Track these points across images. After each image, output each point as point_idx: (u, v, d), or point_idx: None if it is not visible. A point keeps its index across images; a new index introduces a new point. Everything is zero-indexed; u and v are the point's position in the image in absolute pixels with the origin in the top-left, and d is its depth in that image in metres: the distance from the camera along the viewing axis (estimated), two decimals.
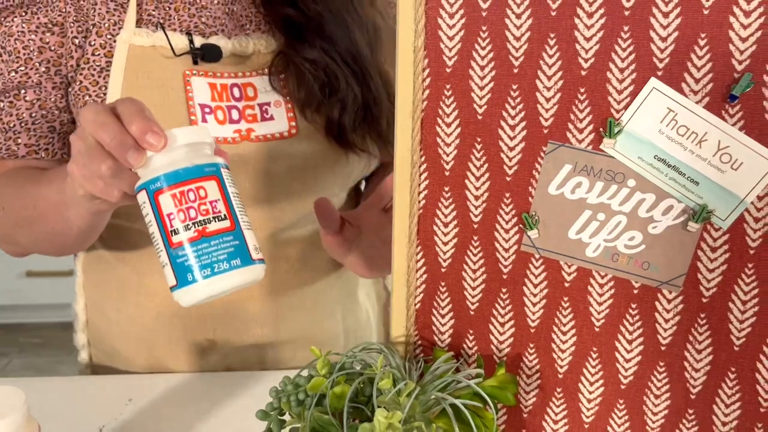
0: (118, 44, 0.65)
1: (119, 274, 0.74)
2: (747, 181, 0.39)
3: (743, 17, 0.37)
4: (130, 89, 0.65)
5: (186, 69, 0.66)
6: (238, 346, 0.72)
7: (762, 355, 0.42)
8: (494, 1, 0.40)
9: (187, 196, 0.43)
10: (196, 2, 0.68)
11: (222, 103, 0.67)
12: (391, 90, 0.68)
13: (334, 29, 0.67)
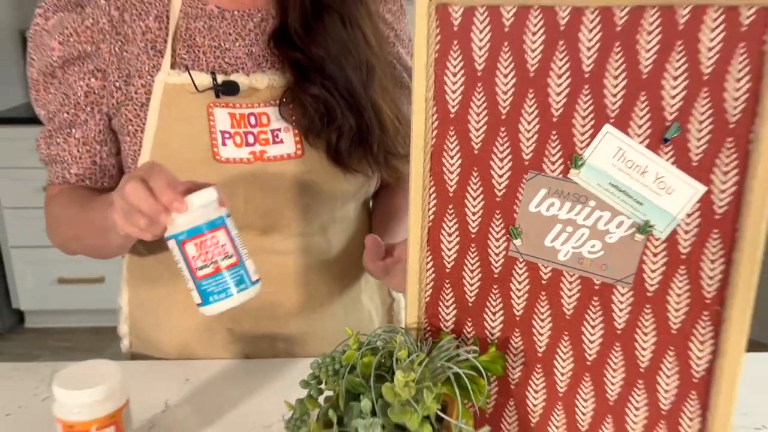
0: (155, 83, 0.78)
1: (159, 275, 0.87)
2: (678, 203, 0.51)
3: (672, 80, 0.50)
4: (165, 120, 0.78)
5: (210, 102, 0.78)
6: (256, 337, 0.85)
7: (693, 337, 0.54)
8: (487, 65, 0.53)
9: (205, 244, 0.59)
10: (221, 46, 0.81)
11: (240, 130, 0.80)
12: (383, 120, 0.80)
13: (332, 70, 0.79)
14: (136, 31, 0.79)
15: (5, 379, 0.78)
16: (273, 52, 0.81)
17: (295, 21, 0.79)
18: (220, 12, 0.81)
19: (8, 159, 2.51)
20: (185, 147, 0.78)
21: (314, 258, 0.85)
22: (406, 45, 0.90)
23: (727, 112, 0.49)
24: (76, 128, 0.82)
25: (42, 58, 0.81)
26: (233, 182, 0.78)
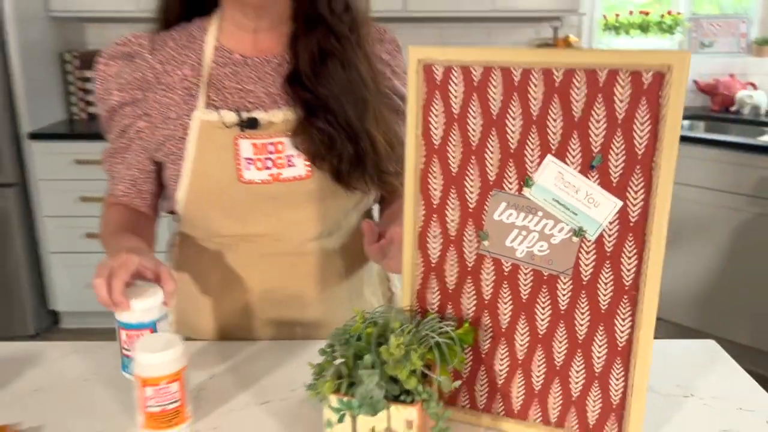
0: (192, 121, 0.96)
1: (200, 273, 1.05)
2: (603, 214, 0.69)
3: (596, 123, 0.67)
4: (200, 150, 0.95)
5: (236, 134, 0.96)
6: (280, 323, 1.03)
7: (617, 315, 0.71)
8: (461, 109, 0.71)
9: (132, 337, 0.81)
10: (244, 88, 0.98)
11: (260, 156, 0.97)
12: (376, 146, 0.96)
13: (334, 106, 0.96)
14: (175, 80, 0.98)
15: (86, 353, 0.96)
16: (287, 92, 0.98)
17: (305, 66, 0.96)
18: (243, 59, 0.99)
19: (49, 171, 2.72)
20: (216, 172, 0.96)
21: (324, 258, 1.03)
22: (402, 77, 1.07)
23: (636, 147, 0.66)
24: (126, 155, 1.02)
25: (107, 99, 1.00)
26: (255, 199, 0.96)
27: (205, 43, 0.99)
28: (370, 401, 0.66)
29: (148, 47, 0.99)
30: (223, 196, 0.96)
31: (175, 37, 1.00)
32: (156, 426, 0.76)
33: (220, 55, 0.99)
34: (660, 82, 0.64)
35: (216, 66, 0.98)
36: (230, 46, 0.99)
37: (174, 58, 0.98)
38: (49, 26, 2.86)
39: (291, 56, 0.99)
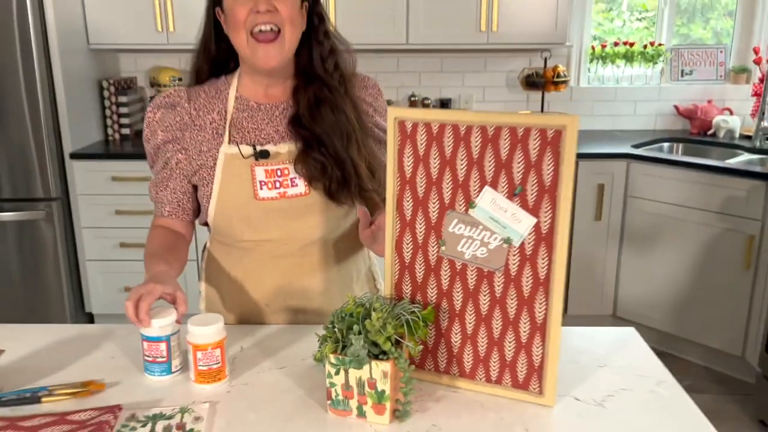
0: (219, 154, 1.26)
1: (226, 271, 1.34)
2: (523, 228, 0.97)
3: (517, 164, 0.95)
4: (225, 176, 1.25)
5: (252, 163, 1.25)
6: (290, 310, 1.32)
7: (535, 301, 0.98)
8: (424, 153, 1.00)
9: (152, 346, 1.06)
10: (258, 127, 1.27)
11: (271, 179, 1.26)
12: (358, 170, 1.24)
13: (326, 141, 1.25)
14: (206, 122, 1.28)
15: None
16: (290, 130, 1.28)
17: (304, 111, 1.26)
18: (258, 106, 1.29)
19: (87, 187, 3.03)
20: (237, 192, 1.25)
21: (322, 258, 1.31)
22: (383, 114, 1.35)
23: (544, 181, 0.95)
24: (169, 183, 1.31)
25: (153, 139, 1.30)
26: (267, 212, 1.25)
27: (228, 94, 1.29)
28: (357, 358, 0.94)
29: (185, 98, 1.29)
30: (242, 210, 1.26)
31: (206, 89, 1.30)
32: (204, 381, 1.05)
33: (240, 103, 1.29)
34: (559, 136, 0.93)
35: (237, 111, 1.28)
36: (248, 96, 1.29)
37: (205, 106, 1.28)
38: (88, 57, 3.18)
39: (294, 103, 1.29)
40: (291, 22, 1.20)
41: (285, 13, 1.19)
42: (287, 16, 1.19)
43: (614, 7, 3.68)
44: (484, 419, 0.98)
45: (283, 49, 1.21)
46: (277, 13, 1.18)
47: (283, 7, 1.18)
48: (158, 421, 0.95)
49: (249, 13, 1.18)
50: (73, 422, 0.94)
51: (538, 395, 1.02)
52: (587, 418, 0.98)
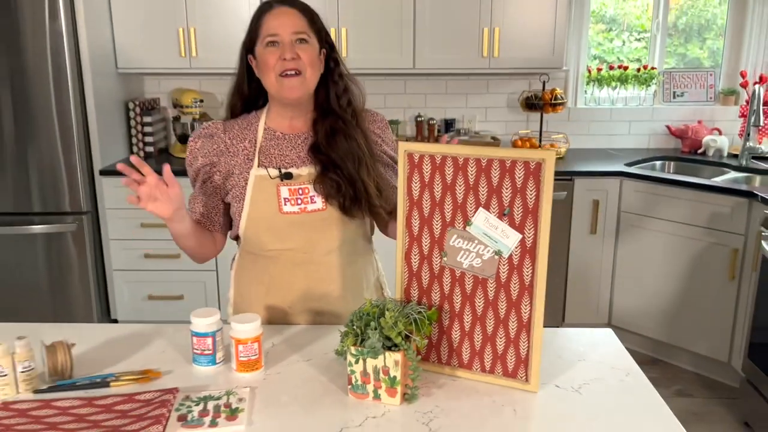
0: (250, 176, 1.47)
1: (253, 279, 1.54)
2: (511, 242, 1.17)
3: (505, 190, 1.15)
4: (255, 194, 1.45)
5: (277, 183, 1.46)
6: (311, 312, 1.52)
7: (522, 303, 1.18)
8: (429, 180, 1.20)
9: (200, 341, 1.26)
10: (283, 153, 1.48)
11: (293, 197, 1.47)
12: (368, 189, 1.45)
13: (340, 164, 1.46)
14: (239, 149, 1.49)
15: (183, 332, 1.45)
16: (310, 156, 1.49)
17: (322, 139, 1.48)
18: (282, 135, 1.50)
19: (115, 202, 3.25)
20: (265, 207, 1.46)
21: (338, 266, 1.51)
22: (389, 144, 1.57)
23: (528, 204, 1.15)
24: (203, 198, 1.52)
25: (194, 164, 1.51)
26: (290, 224, 1.46)
27: (258, 126, 1.50)
28: (374, 349, 1.14)
29: (222, 129, 1.50)
30: (269, 223, 1.46)
31: (239, 122, 1.52)
32: (243, 370, 1.25)
33: (268, 133, 1.50)
34: (540, 167, 1.13)
35: (265, 140, 1.49)
36: (274, 127, 1.50)
37: (238, 136, 1.50)
38: (116, 80, 3.41)
39: (313, 133, 1.51)
40: (311, 65, 1.42)
41: (306, 59, 1.41)
42: (308, 62, 1.41)
43: (614, 27, 3.89)
44: (480, 402, 1.18)
45: (304, 84, 1.43)
46: (300, 60, 1.40)
47: (305, 55, 1.41)
48: (208, 402, 1.15)
49: (277, 60, 1.40)
50: (140, 401, 1.14)
51: (524, 383, 1.21)
52: (566, 402, 1.18)
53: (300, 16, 1.43)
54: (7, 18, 2.98)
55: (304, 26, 1.43)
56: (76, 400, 1.15)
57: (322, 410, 1.14)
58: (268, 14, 1.43)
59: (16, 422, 1.08)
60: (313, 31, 1.44)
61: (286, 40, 1.41)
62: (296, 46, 1.41)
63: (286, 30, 1.41)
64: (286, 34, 1.41)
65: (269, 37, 1.41)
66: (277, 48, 1.41)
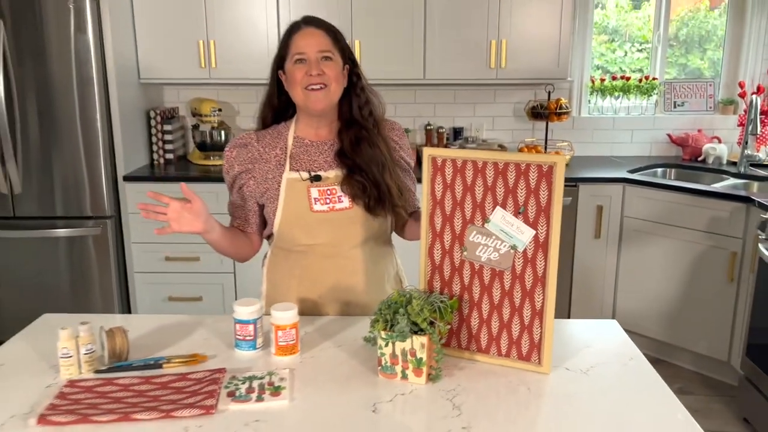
0: (282, 180, 1.60)
1: (284, 273, 1.67)
2: (526, 237, 1.30)
3: (520, 190, 1.28)
4: (287, 196, 1.59)
5: (308, 185, 1.60)
6: (339, 303, 1.65)
7: (535, 293, 1.31)
8: (451, 181, 1.33)
9: (242, 327, 1.39)
10: (311, 158, 1.62)
11: (322, 197, 1.60)
12: (391, 191, 1.59)
13: (366, 169, 1.59)
14: (271, 156, 1.62)
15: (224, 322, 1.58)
16: (336, 160, 1.63)
17: (347, 146, 1.62)
18: (311, 143, 1.64)
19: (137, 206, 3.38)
20: (297, 206, 1.59)
21: (362, 260, 1.64)
22: (406, 151, 1.71)
23: (541, 203, 1.28)
24: (242, 202, 1.65)
25: (231, 171, 1.64)
26: (320, 222, 1.59)
27: (288, 135, 1.64)
28: (402, 333, 1.27)
29: (255, 139, 1.64)
30: (301, 220, 1.59)
31: (270, 132, 1.66)
32: (282, 353, 1.38)
33: (297, 141, 1.64)
34: (551, 170, 1.26)
35: (295, 147, 1.63)
36: (303, 136, 1.64)
37: (270, 144, 1.63)
38: (139, 90, 3.56)
39: (338, 141, 1.64)
40: (335, 80, 1.57)
41: (330, 74, 1.55)
42: (332, 77, 1.56)
43: (616, 38, 4.03)
44: (497, 382, 1.30)
45: (328, 96, 1.57)
46: (325, 75, 1.55)
47: (329, 71, 1.55)
48: (253, 381, 1.28)
49: (304, 75, 1.54)
50: (192, 379, 1.27)
51: (537, 365, 1.34)
52: (575, 382, 1.30)
53: (325, 36, 1.57)
54: (33, 30, 3.12)
55: (329, 45, 1.57)
56: (135, 378, 1.28)
57: (355, 388, 1.27)
58: (296, 34, 1.57)
59: (84, 396, 1.21)
60: (337, 49, 1.58)
61: (312, 58, 1.55)
62: (321, 63, 1.55)
63: (312, 48, 1.55)
64: (312, 52, 1.55)
65: (297, 54, 1.56)
66: (304, 65, 1.55)
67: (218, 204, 3.33)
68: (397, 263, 1.78)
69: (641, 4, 4.01)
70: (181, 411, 1.15)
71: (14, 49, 3.14)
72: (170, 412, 1.15)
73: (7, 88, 3.16)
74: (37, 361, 1.37)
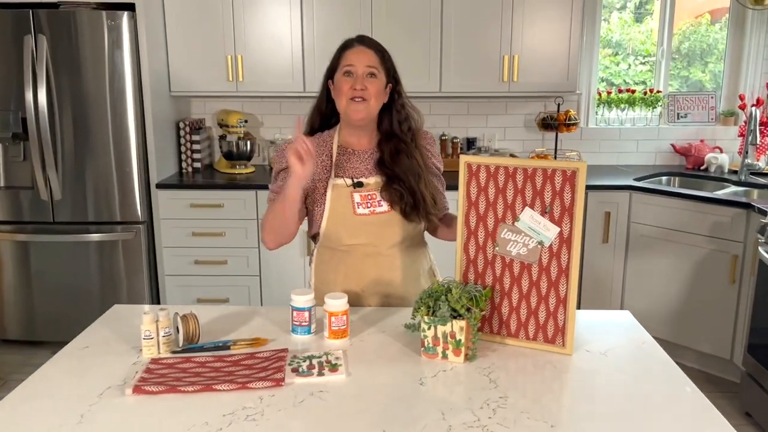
0: (329, 185, 1.78)
1: (330, 267, 1.85)
2: (551, 234, 1.47)
3: (546, 192, 1.47)
4: (333, 199, 1.77)
5: (351, 190, 1.78)
6: (379, 296, 1.82)
7: (560, 283, 1.49)
8: (485, 185, 1.51)
9: (299, 314, 1.57)
10: (354, 165, 1.80)
11: (364, 201, 1.79)
12: (425, 198, 1.76)
13: (404, 178, 1.77)
14: (318, 161, 1.80)
15: (277, 313, 1.76)
16: (377, 168, 1.81)
17: (387, 156, 1.80)
18: (353, 151, 1.82)
19: (168, 212, 3.57)
20: (342, 210, 1.77)
21: (400, 257, 1.82)
22: (437, 158, 1.89)
23: (565, 203, 1.46)
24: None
25: (279, 164, 1.82)
26: (362, 224, 1.77)
27: (332, 143, 1.82)
28: (444, 318, 1.45)
29: None
30: (345, 222, 1.78)
31: (317, 139, 1.84)
32: (335, 337, 1.56)
33: (341, 149, 1.82)
34: (575, 175, 1.44)
35: (339, 155, 1.81)
36: (346, 144, 1.83)
37: (317, 150, 1.81)
38: (169, 102, 3.75)
39: (378, 151, 1.82)
40: (376, 96, 1.75)
41: (372, 90, 1.74)
42: (373, 93, 1.74)
43: (620, 51, 4.22)
44: (526, 362, 1.48)
45: (367, 109, 1.75)
46: (367, 90, 1.73)
47: (372, 87, 1.74)
48: (313, 359, 1.45)
49: (350, 88, 1.73)
50: (259, 357, 1.45)
51: (561, 347, 1.51)
52: (594, 362, 1.48)
53: (373, 55, 1.76)
54: (69, 46, 3.32)
55: (376, 63, 1.75)
56: (209, 357, 1.46)
57: (402, 366, 1.45)
58: (349, 50, 1.76)
59: (168, 371, 1.39)
60: (383, 67, 1.77)
61: (359, 72, 1.74)
62: (366, 79, 1.74)
63: (360, 64, 1.74)
64: (360, 67, 1.74)
65: (346, 67, 1.74)
66: (351, 78, 1.74)
67: (245, 211, 3.54)
68: (430, 259, 1.96)
69: (643, 18, 4.21)
70: (254, 383, 1.33)
71: (53, 64, 3.33)
72: (245, 384, 1.32)
73: (49, 100, 3.35)
74: (118, 343, 1.55)
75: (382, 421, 1.21)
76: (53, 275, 3.56)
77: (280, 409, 1.26)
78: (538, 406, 1.27)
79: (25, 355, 3.60)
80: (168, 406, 1.26)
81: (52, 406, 1.27)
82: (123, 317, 1.72)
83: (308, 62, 3.61)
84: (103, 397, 1.30)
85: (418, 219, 1.79)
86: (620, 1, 4.21)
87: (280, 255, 3.33)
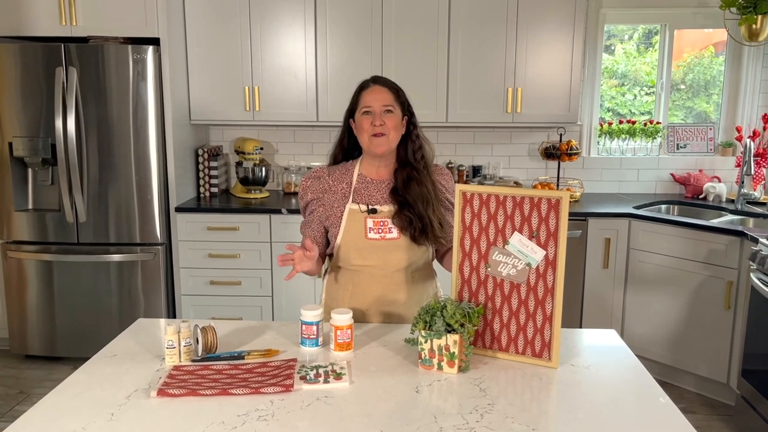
0: (346, 209, 1.94)
1: (339, 287, 2.00)
2: (538, 257, 1.62)
3: (534, 219, 1.61)
4: (348, 223, 1.93)
5: (365, 216, 1.94)
6: (383, 314, 1.97)
7: (546, 301, 1.62)
8: (478, 211, 1.66)
9: (308, 327, 1.72)
10: (370, 194, 1.96)
11: (376, 227, 1.94)
12: (433, 225, 1.90)
13: (413, 204, 1.92)
14: (338, 189, 1.97)
15: (290, 327, 1.91)
16: (390, 197, 1.97)
17: (400, 185, 1.95)
18: (371, 180, 1.98)
19: (186, 234, 3.74)
20: (355, 233, 1.92)
21: (405, 280, 1.97)
22: (451, 193, 2.04)
23: (550, 229, 1.60)
24: (311, 225, 2.00)
25: (305, 198, 1.99)
26: (372, 247, 1.92)
27: (353, 172, 1.99)
28: (439, 332, 1.59)
29: (327, 173, 1.99)
30: (357, 244, 1.93)
31: (339, 168, 2.00)
32: (340, 349, 1.70)
33: (360, 178, 1.98)
34: (559, 203, 1.59)
35: (358, 183, 1.97)
36: (365, 174, 1.99)
37: (338, 178, 1.98)
38: (189, 130, 3.95)
39: (393, 179, 1.98)
40: (394, 129, 1.92)
41: (390, 125, 1.90)
42: (392, 127, 1.91)
43: (626, 82, 4.38)
44: (515, 374, 1.61)
45: (388, 142, 1.92)
46: (385, 126, 1.90)
47: (390, 122, 1.90)
48: (319, 368, 1.60)
49: (370, 124, 1.90)
50: (271, 366, 1.59)
51: (548, 361, 1.64)
52: (578, 374, 1.61)
53: (388, 92, 1.93)
54: (97, 78, 3.54)
55: (391, 100, 1.93)
56: (225, 365, 1.60)
57: (401, 376, 1.58)
58: (365, 91, 1.94)
59: (189, 377, 1.53)
60: (398, 103, 1.94)
61: (377, 110, 1.91)
62: (384, 115, 1.91)
63: (377, 103, 1.91)
64: (377, 106, 1.91)
65: (365, 107, 1.92)
66: (370, 116, 1.91)
67: (259, 234, 3.70)
68: (437, 287, 2.10)
69: (647, 51, 4.37)
70: (266, 388, 1.47)
71: (82, 94, 3.55)
72: (258, 389, 1.47)
73: (77, 127, 3.56)
74: (143, 352, 1.70)
75: (381, 423, 1.35)
76: (75, 294, 3.73)
77: (289, 411, 1.40)
78: (522, 412, 1.40)
79: (46, 371, 3.76)
80: (189, 407, 1.41)
81: (85, 405, 1.42)
82: (146, 329, 1.88)
83: (321, 94, 3.81)
84: (130, 399, 1.45)
85: (427, 243, 1.94)
86: (628, 32, 4.38)
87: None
